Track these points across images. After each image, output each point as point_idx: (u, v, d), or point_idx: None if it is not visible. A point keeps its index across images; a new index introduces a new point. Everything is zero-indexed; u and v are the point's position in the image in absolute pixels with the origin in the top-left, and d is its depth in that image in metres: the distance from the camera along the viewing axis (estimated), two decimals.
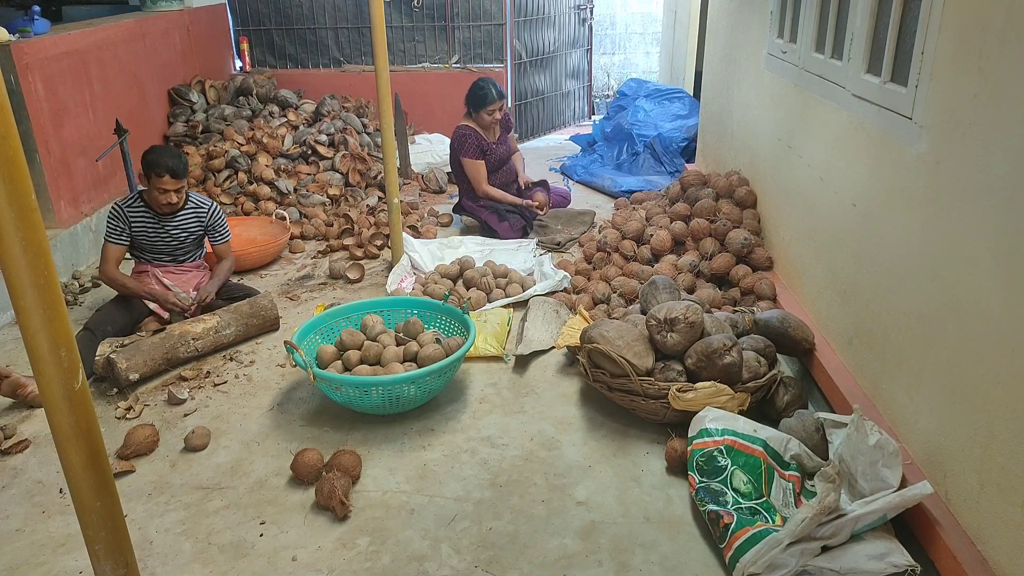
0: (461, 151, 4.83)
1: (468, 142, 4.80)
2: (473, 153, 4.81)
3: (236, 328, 3.55)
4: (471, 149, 4.80)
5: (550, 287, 3.98)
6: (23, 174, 1.28)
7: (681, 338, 2.80)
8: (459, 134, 4.84)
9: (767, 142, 3.85)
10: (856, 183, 2.69)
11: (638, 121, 6.66)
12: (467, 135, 4.80)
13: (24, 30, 4.34)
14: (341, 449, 2.69)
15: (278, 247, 4.63)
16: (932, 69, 2.17)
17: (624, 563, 2.25)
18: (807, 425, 2.52)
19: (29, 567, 2.28)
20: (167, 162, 3.52)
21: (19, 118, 4.06)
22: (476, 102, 4.78)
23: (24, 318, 1.36)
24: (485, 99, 4.74)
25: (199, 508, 2.52)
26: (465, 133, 4.81)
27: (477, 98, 4.77)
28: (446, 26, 7.16)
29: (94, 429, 1.49)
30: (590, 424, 2.94)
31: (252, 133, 5.72)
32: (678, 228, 4.09)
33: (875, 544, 2.09)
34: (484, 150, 4.86)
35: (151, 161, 3.54)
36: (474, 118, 4.85)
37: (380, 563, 2.27)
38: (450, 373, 3.01)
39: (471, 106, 4.83)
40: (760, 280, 3.56)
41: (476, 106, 4.79)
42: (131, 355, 3.18)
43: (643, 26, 10.15)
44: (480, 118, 4.81)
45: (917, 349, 2.25)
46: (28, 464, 2.76)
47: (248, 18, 7.24)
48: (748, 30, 4.30)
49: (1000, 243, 1.83)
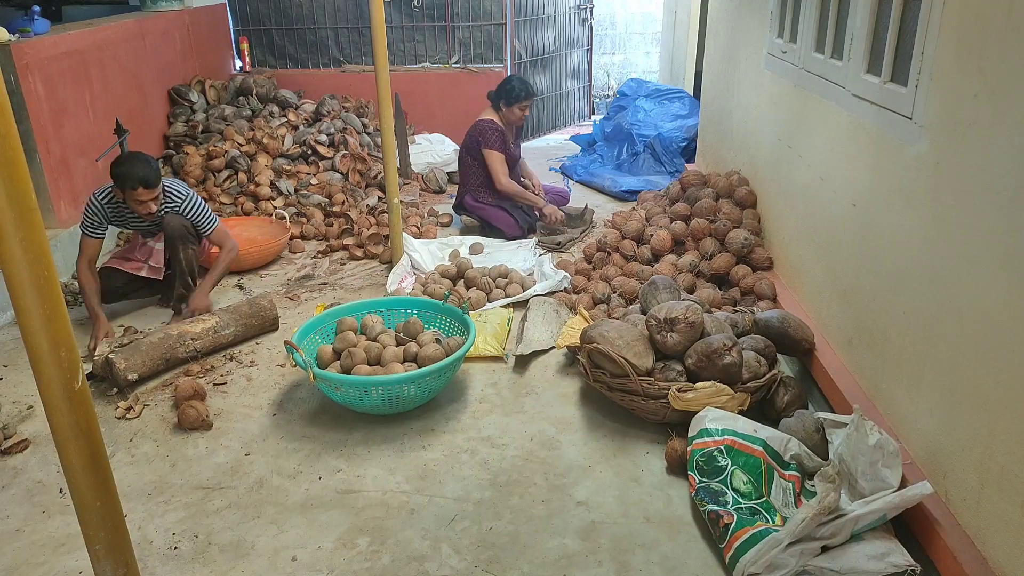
0: (485, 143, 4.78)
1: (492, 134, 4.77)
2: (496, 145, 4.78)
3: (235, 328, 3.55)
4: (495, 141, 4.78)
5: (550, 287, 3.98)
6: (23, 174, 1.28)
7: (681, 338, 2.80)
8: (483, 126, 4.80)
9: (767, 142, 3.85)
10: (856, 183, 2.69)
11: (638, 121, 6.66)
12: (492, 128, 4.79)
13: (24, 30, 4.34)
14: (177, 381, 3.09)
15: (278, 247, 4.63)
16: (932, 69, 2.17)
17: (624, 563, 2.25)
18: (807, 425, 2.52)
19: (29, 567, 2.28)
20: (137, 173, 3.43)
21: (19, 118, 4.06)
22: (510, 96, 4.77)
23: (24, 318, 1.36)
24: (521, 94, 4.75)
25: (199, 508, 2.52)
26: (489, 126, 4.79)
27: (512, 92, 4.76)
28: (446, 26, 7.16)
29: (94, 429, 1.49)
30: (590, 424, 2.94)
31: (252, 133, 5.72)
32: (678, 228, 4.09)
33: (875, 544, 2.09)
34: (505, 146, 4.86)
35: (122, 175, 3.45)
36: (501, 113, 4.84)
37: (380, 563, 2.27)
38: (450, 373, 3.01)
39: (502, 100, 4.81)
40: (760, 280, 3.56)
41: (509, 100, 4.77)
42: (130, 355, 3.18)
43: (643, 26, 10.15)
44: (510, 113, 4.81)
45: (917, 349, 2.25)
46: (28, 464, 2.76)
47: (248, 18, 7.24)
48: (748, 30, 4.30)
49: (1000, 243, 1.83)
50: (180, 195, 3.73)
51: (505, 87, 4.80)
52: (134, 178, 3.44)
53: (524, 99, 4.77)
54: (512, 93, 4.76)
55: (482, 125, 4.82)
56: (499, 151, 4.79)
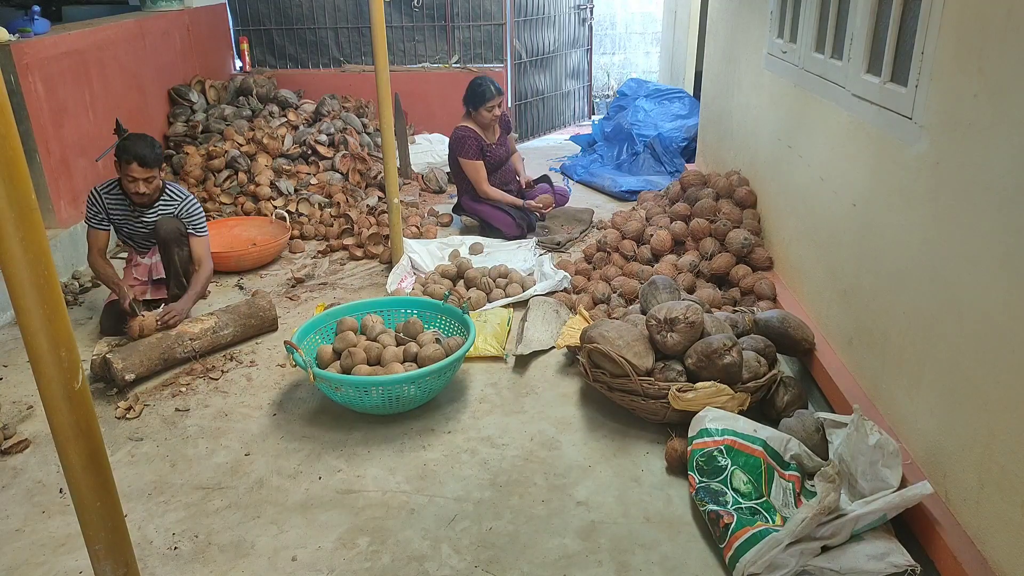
0: (459, 152, 4.82)
1: (467, 143, 4.79)
2: (472, 154, 4.80)
3: (234, 328, 3.55)
4: (470, 150, 4.80)
5: (550, 287, 3.98)
6: (23, 174, 1.28)
7: (681, 338, 2.80)
8: (457, 136, 4.83)
9: (767, 142, 3.85)
10: (856, 183, 2.69)
11: (638, 121, 6.66)
12: (465, 136, 4.80)
13: (24, 30, 4.34)
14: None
15: (278, 247, 4.63)
16: (932, 69, 2.17)
17: (624, 563, 2.25)
18: (807, 425, 2.52)
19: (29, 567, 2.28)
20: (137, 150, 3.50)
21: (19, 118, 4.06)
22: (475, 99, 4.77)
23: (24, 318, 1.36)
24: (484, 96, 4.73)
25: (199, 508, 2.52)
26: (463, 135, 4.80)
27: (476, 95, 4.76)
28: (446, 26, 7.16)
29: (94, 429, 1.49)
30: (590, 424, 2.94)
31: (252, 133, 5.72)
32: (678, 228, 4.09)
33: (875, 544, 2.09)
34: (483, 151, 4.85)
35: (122, 147, 3.53)
36: (473, 117, 4.84)
37: (380, 563, 2.27)
38: (450, 373, 3.01)
39: (470, 105, 4.82)
40: (760, 280, 3.56)
41: (475, 103, 4.78)
42: (127, 355, 3.18)
43: (643, 26, 10.15)
44: (480, 116, 4.80)
45: (917, 349, 2.25)
46: (28, 464, 2.76)
47: (248, 18, 7.24)
48: (748, 30, 4.30)
49: (1000, 243, 1.83)
50: (181, 195, 3.76)
51: (470, 91, 4.80)
52: (131, 152, 3.51)
53: (489, 99, 4.75)
54: (477, 95, 4.76)
55: (457, 134, 4.84)
56: (475, 159, 4.81)
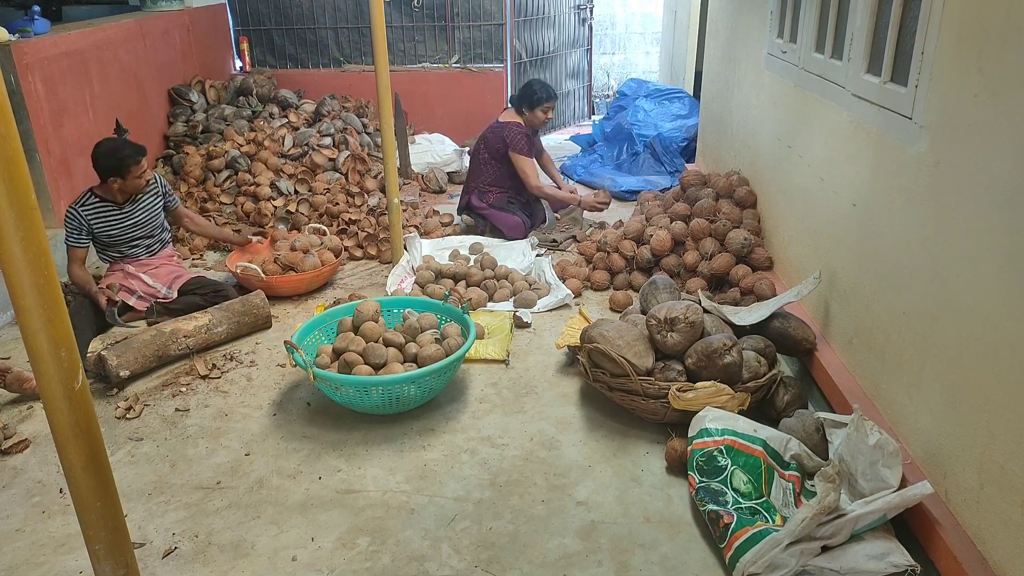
0: (515, 148, 4.84)
1: (522, 140, 4.86)
2: (525, 150, 4.87)
3: (228, 326, 3.56)
4: (524, 146, 4.86)
5: (554, 303, 3.89)
6: (23, 174, 1.29)
7: (681, 338, 2.80)
8: (514, 130, 4.86)
9: (767, 142, 3.85)
10: (856, 183, 2.69)
11: (638, 121, 6.66)
12: (521, 132, 4.87)
13: (24, 30, 4.34)
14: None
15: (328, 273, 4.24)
16: (932, 69, 2.17)
17: (624, 563, 2.25)
18: (807, 425, 2.52)
19: (29, 567, 2.28)
20: (135, 148, 3.62)
21: (19, 118, 4.06)
22: (532, 101, 4.85)
23: (24, 318, 1.36)
24: (543, 97, 4.85)
25: (199, 508, 2.52)
26: (519, 131, 4.87)
27: (536, 96, 4.85)
28: (446, 26, 7.16)
29: (94, 429, 1.49)
30: (590, 424, 2.94)
31: (252, 134, 5.72)
32: (678, 228, 4.09)
33: (875, 544, 2.09)
34: (532, 149, 4.96)
35: (125, 157, 3.59)
36: (525, 116, 4.92)
37: (380, 563, 2.27)
38: (450, 373, 3.01)
39: (524, 104, 4.90)
40: (760, 280, 3.56)
41: (532, 104, 4.86)
42: (122, 352, 3.19)
43: (643, 26, 10.15)
44: (534, 116, 4.89)
45: (917, 349, 2.25)
46: (28, 464, 2.76)
47: (248, 18, 7.24)
48: (748, 30, 4.30)
49: (1000, 243, 1.83)
50: (155, 179, 3.91)
51: (527, 91, 4.89)
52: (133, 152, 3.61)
53: (547, 101, 4.88)
54: (535, 97, 4.86)
55: (512, 128, 4.87)
56: (528, 155, 4.90)
